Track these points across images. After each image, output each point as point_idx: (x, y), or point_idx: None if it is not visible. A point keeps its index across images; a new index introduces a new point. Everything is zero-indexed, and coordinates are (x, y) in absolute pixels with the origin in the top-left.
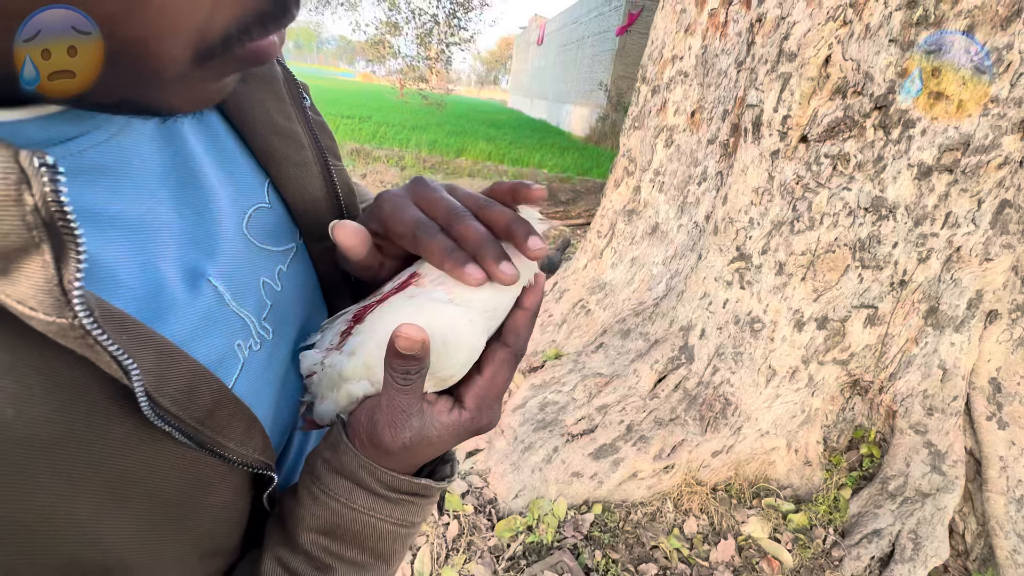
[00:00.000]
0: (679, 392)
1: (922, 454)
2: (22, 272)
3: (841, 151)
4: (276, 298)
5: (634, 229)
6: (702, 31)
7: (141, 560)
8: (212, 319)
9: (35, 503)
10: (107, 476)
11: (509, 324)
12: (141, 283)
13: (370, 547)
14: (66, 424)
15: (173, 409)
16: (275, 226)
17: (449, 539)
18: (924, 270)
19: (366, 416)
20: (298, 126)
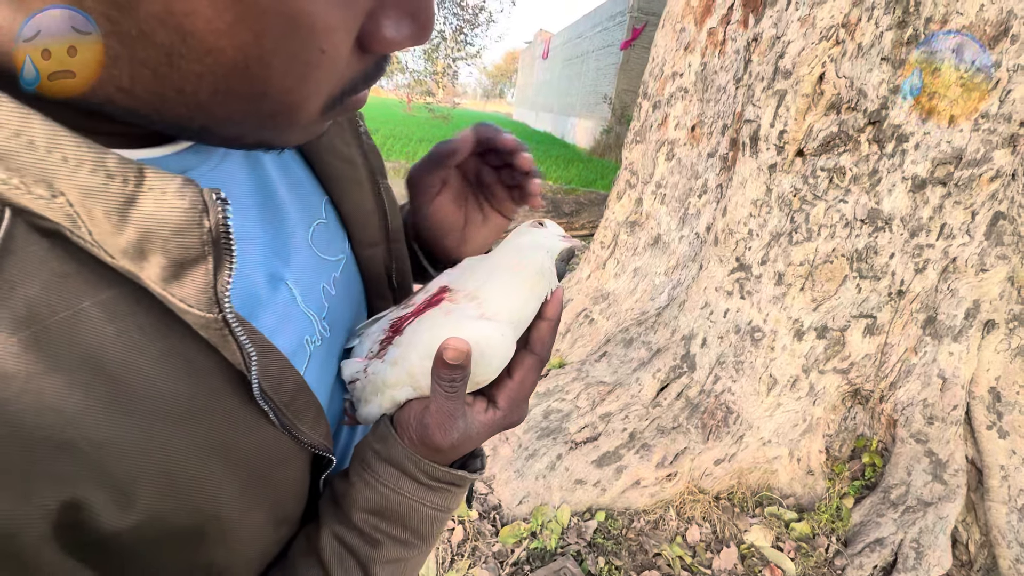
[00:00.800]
0: (681, 400)
1: (923, 463)
2: (189, 277)
3: (837, 164)
4: (332, 301)
5: (636, 240)
6: (701, 49)
7: (234, 517)
8: (289, 317)
9: (176, 459)
10: (219, 443)
11: (534, 333)
12: (240, 285)
13: (413, 528)
14: (197, 398)
15: (270, 392)
16: (330, 239)
17: (454, 544)
18: (921, 280)
19: (415, 419)
20: (355, 150)
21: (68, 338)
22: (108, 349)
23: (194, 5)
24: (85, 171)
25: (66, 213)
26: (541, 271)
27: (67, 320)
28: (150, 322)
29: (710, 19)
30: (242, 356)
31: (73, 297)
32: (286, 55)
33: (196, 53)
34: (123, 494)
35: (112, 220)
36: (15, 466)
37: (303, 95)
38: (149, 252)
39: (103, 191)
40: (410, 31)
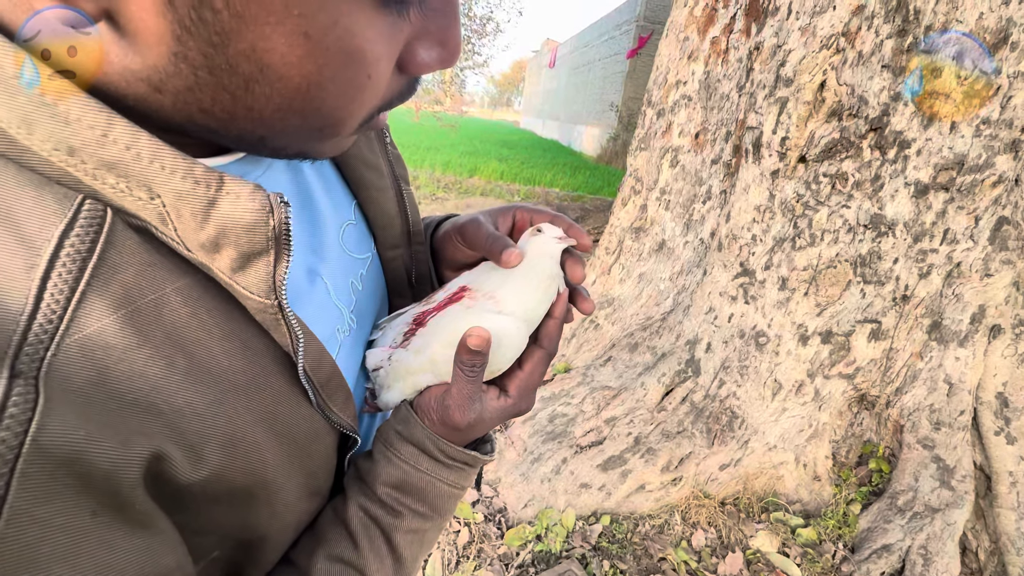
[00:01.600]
0: (686, 405)
1: (931, 469)
2: (252, 268)
3: (839, 170)
4: (359, 296)
5: (641, 246)
6: (704, 58)
7: (278, 482)
8: (323, 308)
9: (236, 425)
10: (270, 415)
11: (543, 330)
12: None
13: (430, 501)
14: (252, 375)
15: (311, 373)
16: (358, 239)
17: (459, 546)
18: (926, 285)
19: (436, 401)
20: (381, 159)
21: (154, 318)
22: (184, 328)
23: (274, 43)
24: (178, 177)
25: (158, 212)
26: (551, 276)
27: (153, 302)
28: (216, 307)
29: (713, 28)
30: (290, 339)
31: (158, 283)
32: (341, 81)
33: (269, 80)
34: (194, 452)
35: (197, 219)
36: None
37: (349, 113)
38: (223, 246)
39: (192, 194)
40: (440, 56)
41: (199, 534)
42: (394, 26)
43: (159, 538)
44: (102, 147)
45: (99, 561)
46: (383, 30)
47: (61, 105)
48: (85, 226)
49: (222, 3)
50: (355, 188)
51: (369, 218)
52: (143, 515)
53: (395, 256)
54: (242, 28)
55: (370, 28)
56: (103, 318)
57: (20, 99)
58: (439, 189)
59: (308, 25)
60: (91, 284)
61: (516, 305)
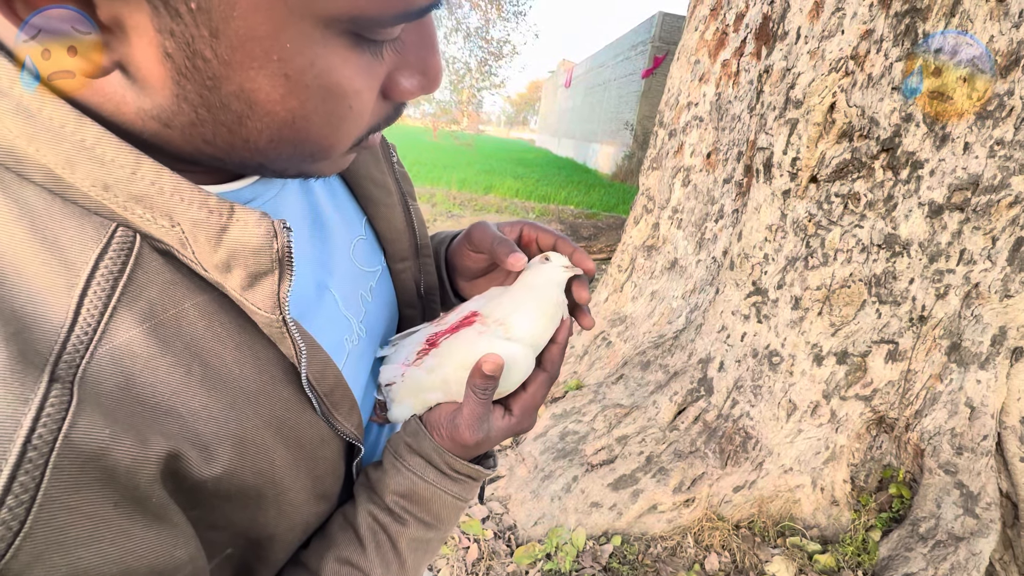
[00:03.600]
0: (698, 424)
1: (953, 495)
2: (260, 286)
3: (851, 190)
4: (368, 307)
5: (653, 264)
6: (716, 80)
7: (288, 484)
8: (332, 319)
9: (247, 428)
10: (278, 421)
11: (547, 354)
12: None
13: (434, 512)
14: (261, 383)
15: (315, 383)
16: (368, 253)
17: (468, 563)
18: (943, 306)
19: (446, 419)
20: (388, 177)
21: (175, 330)
22: (201, 339)
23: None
24: (195, 208)
25: (179, 238)
26: (556, 304)
27: (174, 316)
28: (230, 321)
29: (724, 51)
30: (295, 351)
31: (179, 299)
32: (323, 113)
33: (258, 115)
34: (208, 451)
35: (211, 243)
36: (139, 420)
37: (336, 139)
38: (234, 267)
39: (206, 222)
40: (421, 83)
41: (213, 529)
42: (371, 63)
43: (174, 531)
44: (131, 183)
45: (119, 547)
46: (360, 67)
47: (98, 149)
48: (117, 250)
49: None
50: (364, 204)
51: (378, 232)
52: (160, 508)
53: (404, 268)
54: (230, 73)
55: (346, 66)
56: (131, 330)
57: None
58: (455, 206)
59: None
60: (121, 300)
61: (524, 332)
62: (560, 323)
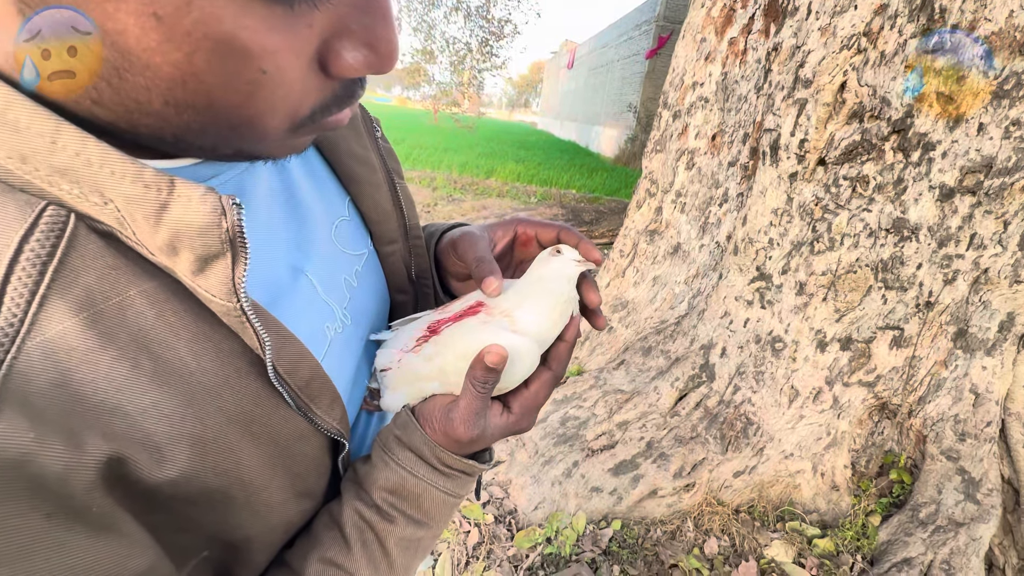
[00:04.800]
0: (700, 410)
1: (955, 481)
2: (212, 270)
3: (860, 173)
4: (354, 292)
5: (656, 249)
6: (722, 59)
7: (261, 483)
8: (309, 304)
9: (207, 426)
10: (245, 417)
11: (553, 352)
12: (264, 274)
13: (425, 508)
14: (224, 376)
15: (285, 376)
16: (353, 235)
17: (469, 546)
18: (951, 292)
19: (440, 412)
20: (372, 154)
21: (119, 320)
22: (150, 330)
23: (124, 25)
24: (128, 182)
25: (115, 216)
26: (567, 299)
27: (117, 305)
28: (184, 309)
29: (731, 29)
30: (258, 341)
31: (122, 286)
32: (223, 74)
33: (137, 68)
34: (161, 453)
35: (149, 222)
36: (74, 421)
37: (255, 111)
38: (179, 249)
39: (142, 198)
40: (368, 59)
41: (182, 532)
42: (287, 20)
43: (124, 541)
44: (52, 154)
45: (55, 563)
46: (269, 21)
47: (10, 114)
48: (46, 231)
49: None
50: (347, 184)
51: (363, 213)
52: (103, 518)
53: (393, 251)
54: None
55: (244, 16)
56: (65, 320)
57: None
58: (456, 190)
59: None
60: (52, 287)
61: (531, 325)
62: (569, 320)
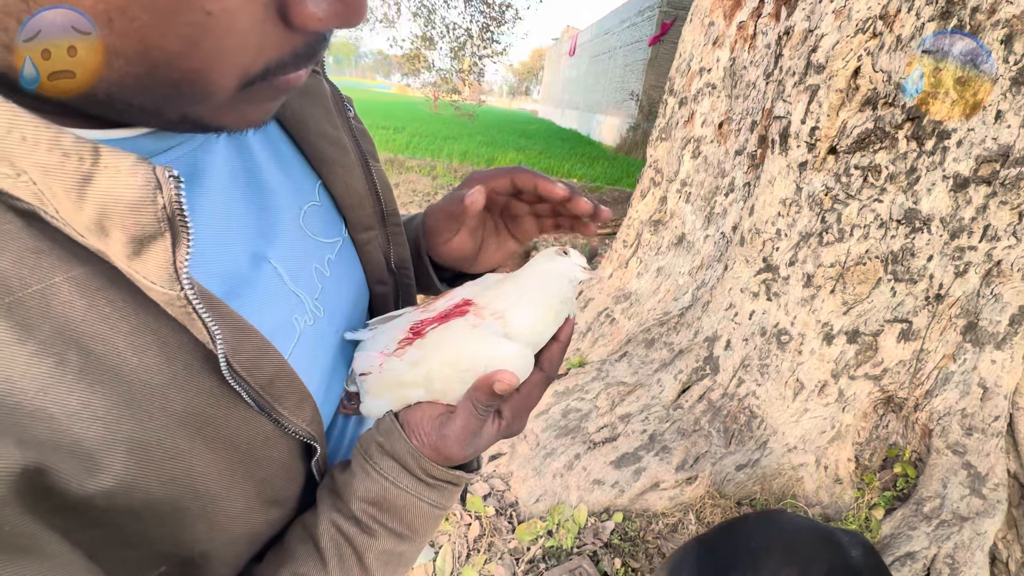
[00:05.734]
0: (703, 403)
1: (960, 476)
2: (149, 254)
3: (872, 162)
4: (326, 282)
5: (660, 239)
6: (730, 43)
7: (219, 492)
8: (273, 295)
9: (149, 429)
10: (197, 419)
11: (545, 353)
12: (220, 263)
13: (408, 521)
14: (171, 373)
15: (243, 374)
16: (324, 221)
17: (470, 539)
18: (962, 284)
19: (432, 426)
20: (343, 134)
21: (41, 310)
22: (80, 322)
23: None
24: (42, 150)
25: (32, 191)
26: (564, 300)
27: (39, 293)
28: (122, 298)
29: (740, 12)
30: (208, 335)
31: (45, 272)
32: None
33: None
34: (93, 460)
35: (71, 197)
36: None
37: (200, 63)
38: (109, 228)
39: (60, 169)
40: (334, 9)
41: (129, 547)
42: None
43: (46, 563)
44: None
45: None
46: None
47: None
48: None
49: None
50: (317, 166)
51: (336, 198)
52: (18, 538)
53: (369, 239)
54: None
55: None
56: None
57: None
58: (456, 179)
59: None
60: None
61: (525, 329)
62: (564, 322)
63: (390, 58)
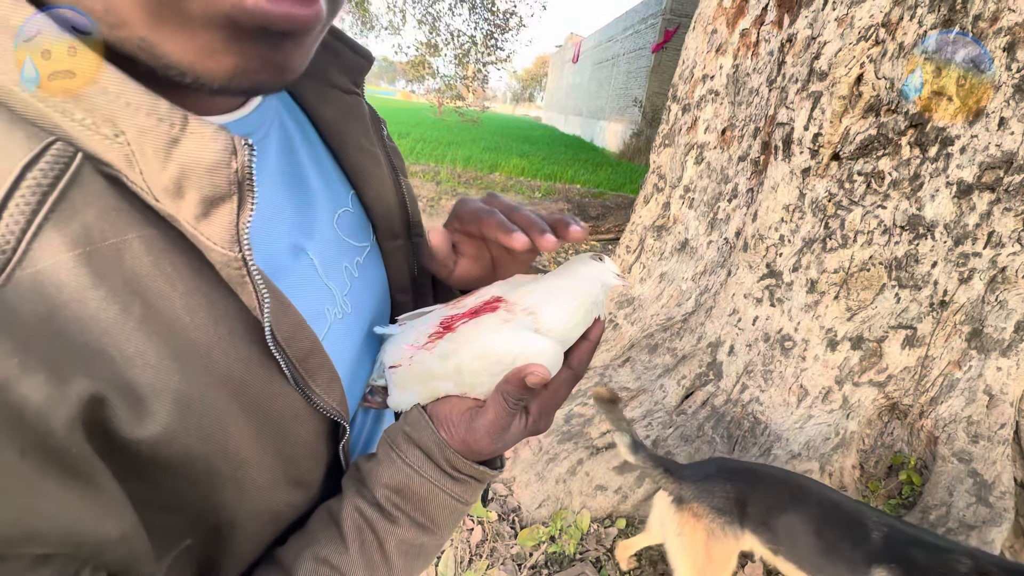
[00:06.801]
0: (706, 409)
1: (966, 483)
2: (216, 215)
3: (875, 169)
4: (354, 282)
5: (663, 245)
6: (733, 51)
7: (248, 458)
8: (309, 284)
9: (193, 384)
10: (235, 383)
11: (575, 351)
12: (265, 248)
13: (430, 512)
14: (216, 336)
15: (283, 343)
16: (355, 227)
17: (473, 544)
18: (966, 291)
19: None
20: (378, 149)
21: (114, 262)
22: (144, 277)
23: None
24: (142, 114)
25: (124, 153)
26: (595, 302)
27: (114, 246)
28: (183, 262)
29: (743, 20)
30: (257, 300)
31: (121, 228)
32: None
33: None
34: (142, 406)
35: (159, 156)
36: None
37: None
38: (186, 189)
39: (154, 131)
40: None
41: (165, 511)
42: None
43: (100, 497)
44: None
45: (23, 505)
46: None
47: None
48: (52, 162)
49: None
50: (352, 177)
51: (367, 206)
52: (81, 464)
53: (396, 248)
54: None
55: None
56: (58, 254)
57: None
58: (460, 184)
59: None
60: (49, 219)
61: (556, 324)
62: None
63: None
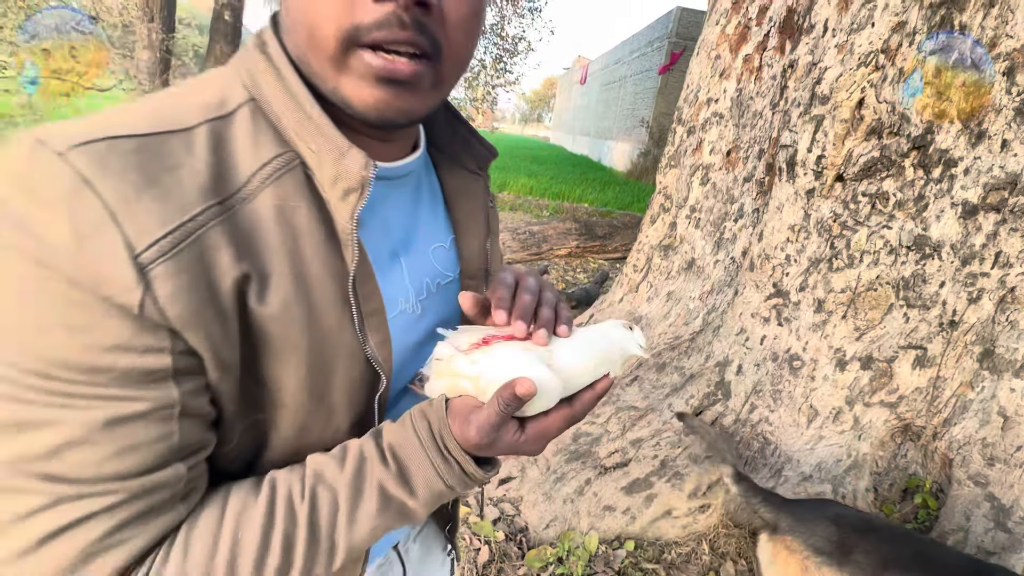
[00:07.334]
0: (715, 429)
1: (984, 508)
2: (347, 200)
3: (879, 190)
4: (431, 295)
5: (670, 264)
6: (737, 75)
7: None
8: (394, 282)
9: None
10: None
11: (580, 397)
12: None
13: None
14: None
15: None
16: (445, 260)
17: (479, 565)
18: (976, 311)
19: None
20: (482, 213)
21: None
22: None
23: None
24: (331, 142)
25: (316, 160)
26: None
27: (293, 208)
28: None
29: (746, 46)
30: (351, 256)
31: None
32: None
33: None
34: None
35: (330, 163)
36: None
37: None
38: (338, 181)
39: (335, 152)
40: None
41: (257, 384)
42: None
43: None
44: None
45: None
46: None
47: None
48: (286, 160)
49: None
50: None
51: (460, 250)
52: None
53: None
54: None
55: None
56: (269, 202)
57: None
58: None
59: None
60: (275, 184)
61: (566, 366)
62: (604, 377)
63: None
